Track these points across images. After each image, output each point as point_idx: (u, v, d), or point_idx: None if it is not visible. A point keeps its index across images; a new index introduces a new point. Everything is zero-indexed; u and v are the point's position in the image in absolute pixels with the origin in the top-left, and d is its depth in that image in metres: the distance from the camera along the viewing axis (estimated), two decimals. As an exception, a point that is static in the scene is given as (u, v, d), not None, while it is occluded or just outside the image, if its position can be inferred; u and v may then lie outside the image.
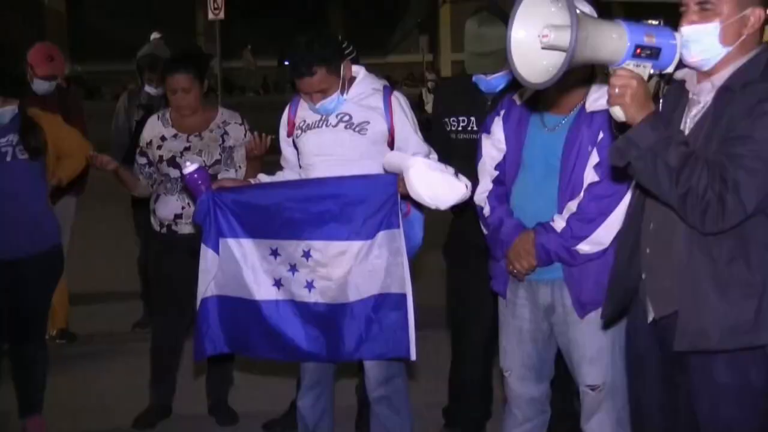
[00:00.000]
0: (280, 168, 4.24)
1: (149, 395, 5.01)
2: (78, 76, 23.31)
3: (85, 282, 7.43)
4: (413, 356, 3.83)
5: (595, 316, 3.54)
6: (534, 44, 2.52)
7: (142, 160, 4.85)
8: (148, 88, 6.79)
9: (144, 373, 5.06)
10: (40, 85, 6.03)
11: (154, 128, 4.85)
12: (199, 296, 3.99)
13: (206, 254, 3.96)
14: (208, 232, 3.94)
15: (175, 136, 4.78)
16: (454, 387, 4.58)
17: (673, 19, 2.82)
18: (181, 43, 21.51)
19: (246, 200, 3.97)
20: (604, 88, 3.47)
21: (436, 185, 3.72)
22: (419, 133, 4.06)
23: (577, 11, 2.40)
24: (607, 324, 3.42)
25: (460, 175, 3.75)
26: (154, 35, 15.74)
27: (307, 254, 3.89)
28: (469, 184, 3.75)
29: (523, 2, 2.55)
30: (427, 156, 3.93)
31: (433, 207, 3.79)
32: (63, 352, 6.07)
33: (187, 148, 4.73)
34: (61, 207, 5.89)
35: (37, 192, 4.66)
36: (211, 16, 16.41)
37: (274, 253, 3.94)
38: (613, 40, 2.50)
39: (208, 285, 3.97)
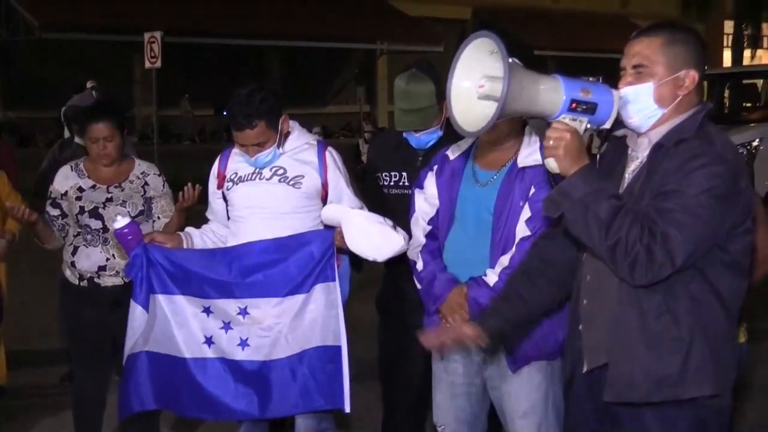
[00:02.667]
0: (206, 220, 4.22)
1: (76, 450, 4.89)
2: (11, 123, 22.96)
3: (14, 334, 7.26)
4: (347, 408, 3.83)
5: (527, 371, 3.57)
6: (473, 94, 2.58)
7: (55, 212, 4.69)
8: (78, 140, 6.71)
9: (72, 427, 4.94)
10: (-32, 133, 5.94)
11: (67, 179, 4.70)
12: (127, 352, 3.93)
13: (135, 310, 3.91)
14: (139, 288, 3.89)
15: (93, 187, 4.65)
16: (388, 441, 4.56)
17: (613, 77, 2.89)
18: (118, 91, 21.39)
19: (179, 261, 3.93)
20: (536, 145, 3.55)
21: (375, 237, 3.75)
22: (352, 187, 4.09)
23: (512, 61, 2.45)
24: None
25: (398, 228, 3.78)
26: (90, 83, 15.63)
27: (243, 311, 3.87)
28: (407, 236, 3.78)
29: (464, 52, 2.60)
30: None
31: (372, 259, 3.82)
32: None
33: (109, 199, 4.62)
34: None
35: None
36: (148, 64, 16.34)
37: (207, 310, 3.91)
38: (549, 93, 2.56)
39: (135, 341, 3.91)
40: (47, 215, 4.71)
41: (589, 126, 2.64)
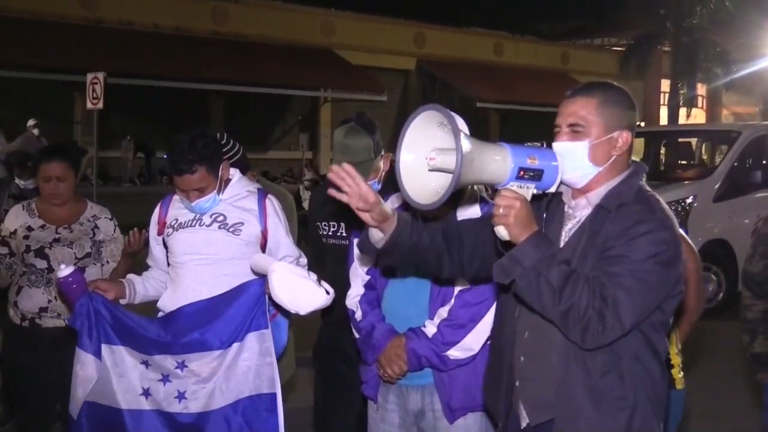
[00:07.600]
0: (146, 267, 4.20)
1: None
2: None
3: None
4: None
5: (464, 422, 3.56)
6: (422, 166, 2.59)
7: (3, 250, 4.68)
8: (19, 181, 6.66)
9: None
10: None
11: (18, 218, 4.71)
12: (78, 402, 3.86)
13: (85, 359, 3.85)
14: (88, 337, 3.85)
15: (42, 226, 4.65)
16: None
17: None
18: (58, 131, 21.19)
19: (120, 316, 3.90)
20: (473, 199, 3.59)
21: (296, 290, 3.74)
22: (291, 236, 4.10)
23: (462, 134, 2.47)
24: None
25: (323, 282, 3.78)
26: (31, 122, 15.40)
27: (181, 365, 3.84)
28: (331, 291, 3.77)
29: (411, 126, 2.62)
30: (297, 260, 3.97)
31: (293, 311, 3.81)
32: None
33: (56, 240, 4.62)
34: None
35: None
36: (89, 105, 16.17)
37: (145, 363, 3.87)
38: (497, 163, 2.58)
39: (89, 390, 3.86)
40: None
41: (536, 192, 2.68)
